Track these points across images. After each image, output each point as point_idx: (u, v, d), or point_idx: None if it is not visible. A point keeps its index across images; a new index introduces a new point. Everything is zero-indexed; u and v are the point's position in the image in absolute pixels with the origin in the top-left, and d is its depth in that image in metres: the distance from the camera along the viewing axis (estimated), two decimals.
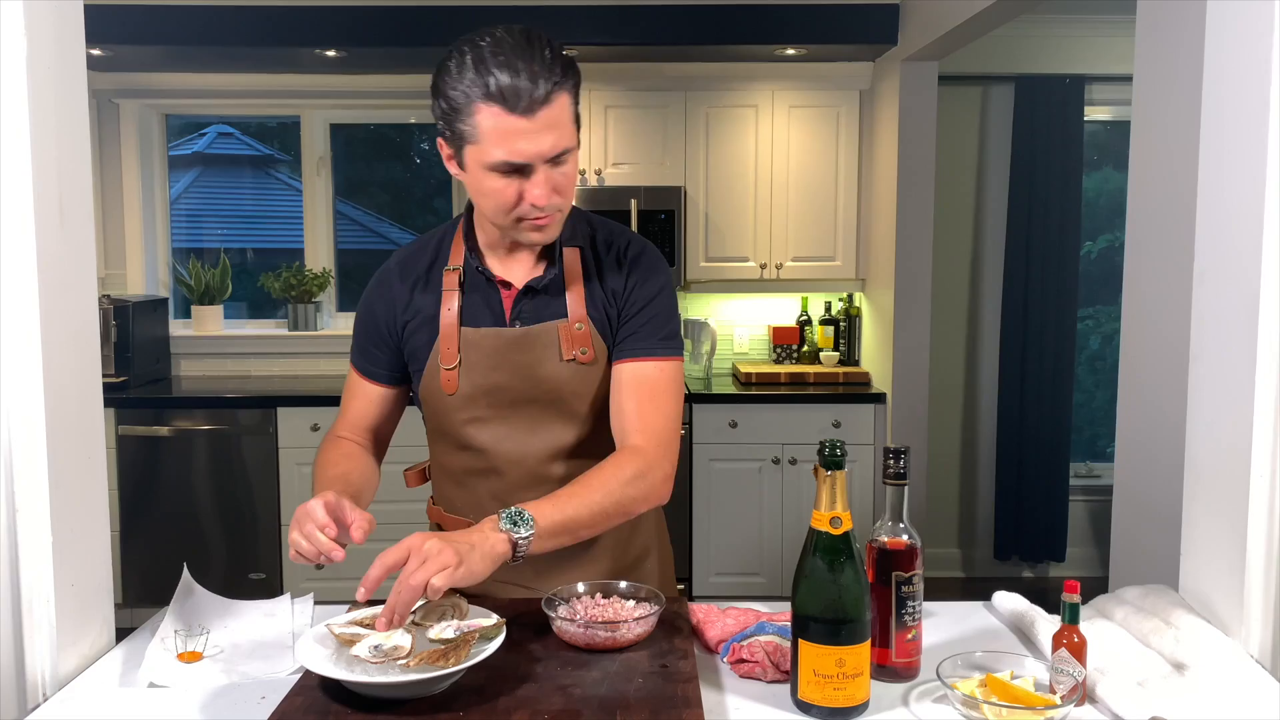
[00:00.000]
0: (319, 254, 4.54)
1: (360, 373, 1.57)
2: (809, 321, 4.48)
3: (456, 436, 1.50)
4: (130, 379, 4.07)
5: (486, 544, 1.22)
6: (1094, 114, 4.42)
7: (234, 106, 4.50)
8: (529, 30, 1.29)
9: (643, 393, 1.44)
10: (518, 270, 1.48)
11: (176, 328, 4.51)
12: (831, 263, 4.25)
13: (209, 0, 3.77)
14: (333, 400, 3.90)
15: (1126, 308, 2.08)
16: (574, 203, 1.46)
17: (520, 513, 1.26)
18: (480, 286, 1.48)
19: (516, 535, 1.24)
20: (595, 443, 1.48)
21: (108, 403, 3.68)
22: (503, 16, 3.80)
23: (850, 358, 4.43)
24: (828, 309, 4.43)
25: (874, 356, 4.24)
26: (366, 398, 1.57)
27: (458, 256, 1.49)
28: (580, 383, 1.46)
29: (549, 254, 1.48)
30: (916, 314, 3.95)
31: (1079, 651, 1.15)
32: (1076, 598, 1.17)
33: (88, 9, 1.39)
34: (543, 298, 1.47)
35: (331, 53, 3.92)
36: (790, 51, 3.96)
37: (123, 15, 3.75)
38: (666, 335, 1.47)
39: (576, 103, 1.33)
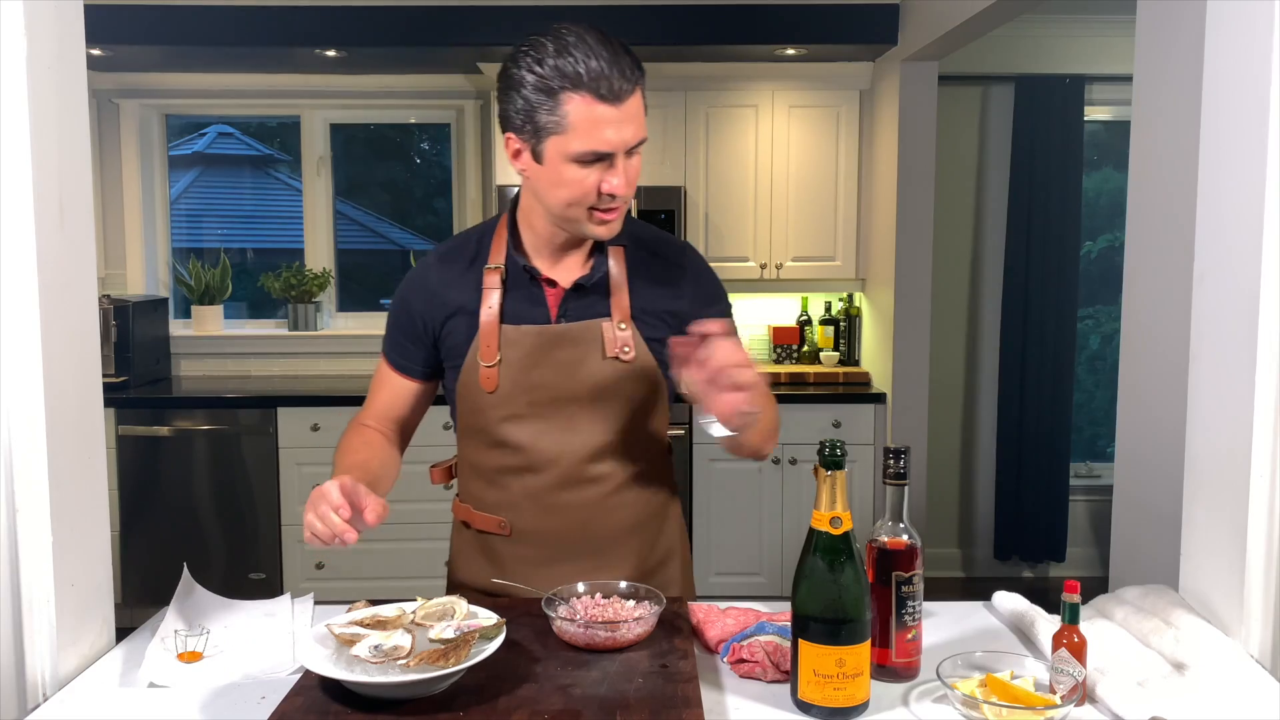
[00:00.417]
0: (319, 254, 4.54)
1: (392, 366, 1.57)
2: (809, 321, 4.48)
3: (492, 434, 1.50)
4: (130, 379, 4.07)
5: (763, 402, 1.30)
6: (1094, 114, 4.42)
7: (234, 106, 4.50)
8: (599, 31, 1.33)
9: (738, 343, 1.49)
10: (563, 270, 1.49)
11: (176, 328, 4.51)
12: (831, 263, 4.25)
13: (209, 0, 3.77)
14: (333, 400, 3.90)
15: (1126, 308, 2.08)
16: None
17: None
18: (524, 284, 1.48)
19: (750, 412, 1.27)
20: (632, 443, 1.50)
21: (108, 403, 3.67)
22: (502, 17, 3.80)
23: (850, 358, 4.43)
24: (828, 309, 4.44)
25: (874, 356, 4.24)
26: (395, 390, 1.57)
27: (499, 254, 1.49)
28: (621, 382, 1.47)
29: (595, 253, 1.49)
30: (916, 314, 3.94)
31: (1079, 651, 1.15)
32: (1076, 598, 1.17)
33: (88, 9, 1.39)
34: (590, 297, 1.48)
35: (331, 53, 3.92)
36: (790, 51, 3.96)
37: (123, 15, 3.75)
38: (729, 318, 1.51)
39: (645, 99, 1.38)
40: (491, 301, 1.47)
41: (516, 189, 1.53)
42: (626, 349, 1.46)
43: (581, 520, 1.51)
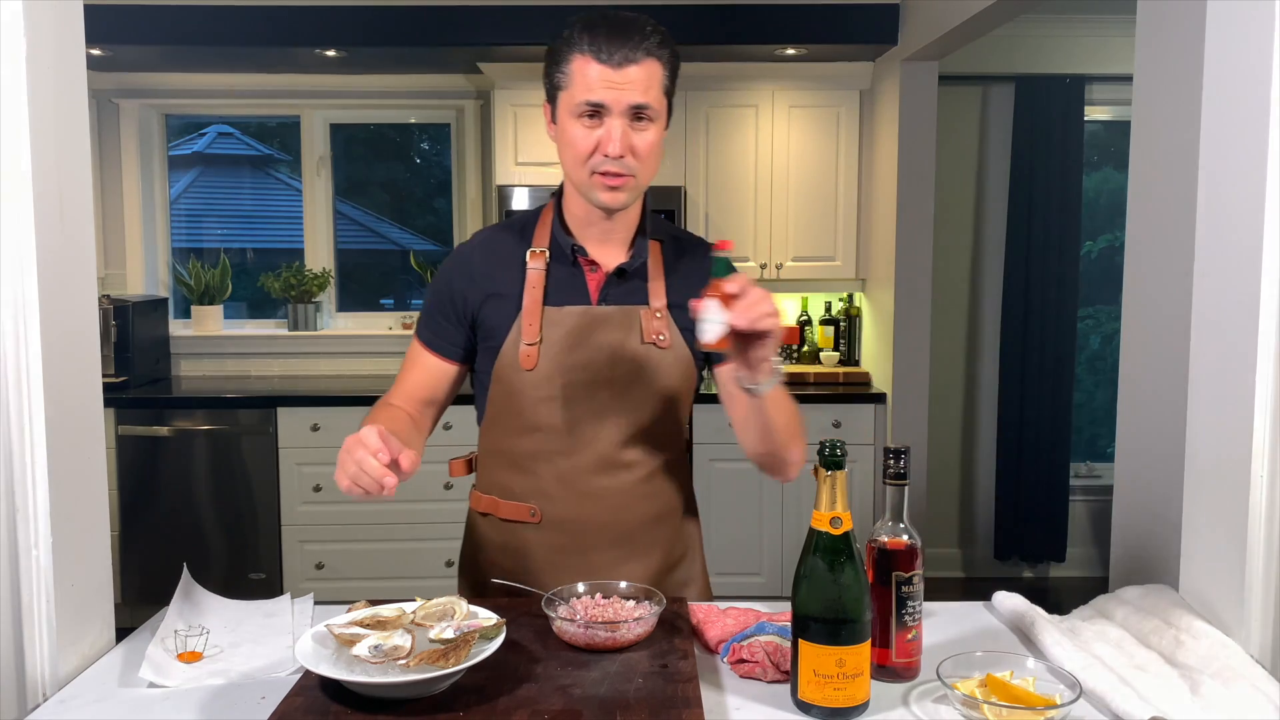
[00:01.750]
0: (319, 254, 4.54)
1: (426, 345, 1.57)
2: (809, 321, 4.48)
3: (526, 416, 1.51)
4: (130, 379, 4.07)
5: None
6: (1094, 114, 4.42)
7: (234, 106, 4.50)
8: (639, 13, 1.44)
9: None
10: (606, 254, 1.53)
11: (176, 328, 4.51)
12: (831, 263, 4.25)
13: (209, 0, 3.77)
14: (333, 400, 3.91)
15: (1126, 308, 2.08)
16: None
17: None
18: (566, 266, 1.52)
19: (777, 365, 1.32)
20: (661, 432, 1.53)
21: (108, 403, 3.67)
22: (502, 17, 3.80)
23: (850, 358, 4.43)
24: (828, 309, 4.43)
25: (874, 356, 4.24)
26: (426, 370, 1.57)
27: (543, 239, 1.54)
28: (656, 367, 1.50)
29: (636, 241, 1.54)
30: (916, 314, 3.94)
31: (728, 302, 1.21)
32: (724, 253, 1.29)
33: (88, 9, 1.39)
34: (631, 282, 1.52)
35: (331, 53, 3.92)
36: (790, 51, 3.96)
37: (123, 15, 3.75)
38: None
39: (670, 83, 1.45)
40: (536, 282, 1.50)
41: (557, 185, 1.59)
42: (663, 336, 1.50)
43: (612, 507, 1.52)
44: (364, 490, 1.21)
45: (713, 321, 1.24)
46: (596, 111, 1.40)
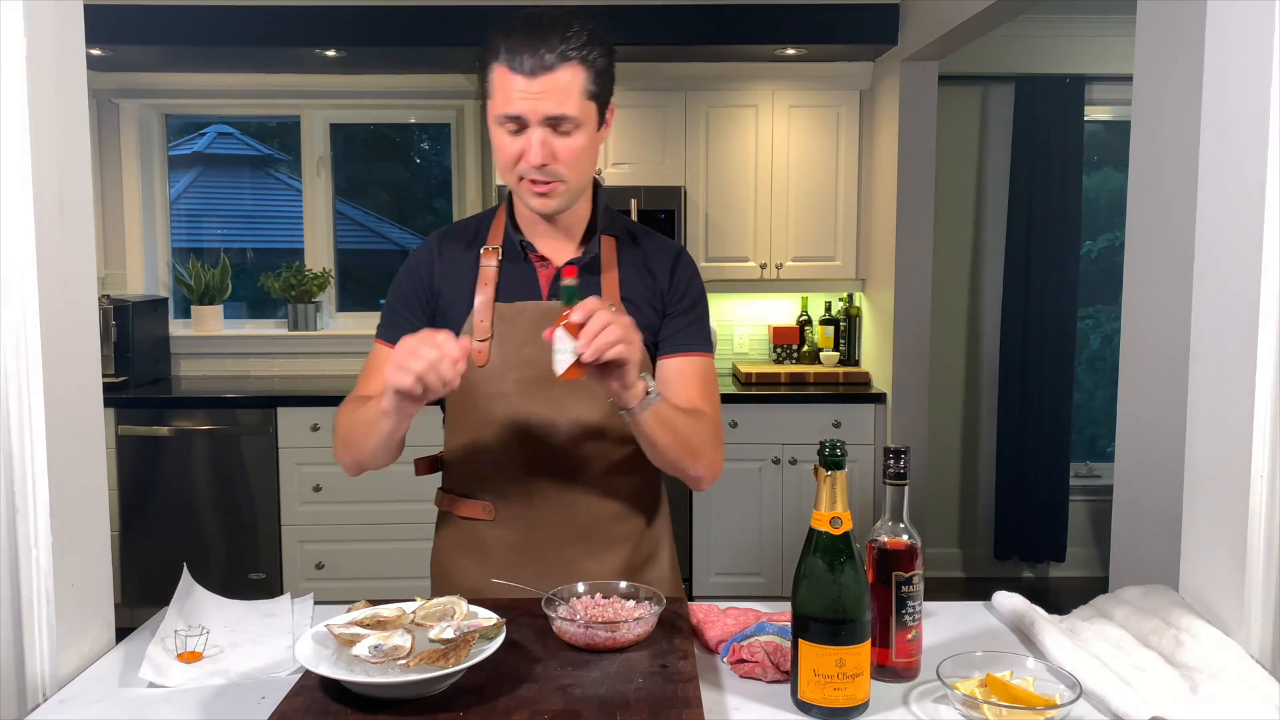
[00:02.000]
0: (319, 254, 4.54)
1: (386, 343, 1.55)
2: (809, 321, 4.48)
3: (480, 412, 1.51)
4: (130, 379, 4.07)
5: (640, 367, 1.32)
6: (1094, 114, 4.42)
7: (234, 106, 4.50)
8: (568, 11, 1.40)
9: (698, 383, 1.52)
10: (556, 250, 1.53)
11: (176, 328, 4.51)
12: (831, 263, 4.26)
13: (209, 0, 3.77)
14: (332, 400, 3.90)
15: (1126, 308, 2.08)
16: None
17: (657, 387, 1.38)
18: (519, 262, 1.52)
19: (651, 393, 1.35)
20: (621, 426, 1.50)
21: (108, 403, 3.68)
22: (502, 17, 3.79)
23: (850, 358, 4.43)
24: (828, 309, 4.44)
25: (874, 356, 4.24)
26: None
27: (497, 236, 1.55)
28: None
29: (587, 238, 1.54)
30: (916, 314, 3.94)
31: (574, 330, 1.22)
32: (573, 281, 1.27)
33: (88, 9, 1.39)
34: (582, 277, 1.49)
35: (331, 53, 3.92)
36: (790, 51, 3.96)
37: (123, 15, 3.75)
38: (709, 335, 1.58)
39: (597, 85, 1.41)
40: (488, 279, 1.51)
41: None
42: None
43: (567, 504, 1.52)
44: (422, 388, 1.24)
45: (562, 351, 1.24)
46: (517, 121, 1.38)
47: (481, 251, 1.54)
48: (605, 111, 1.46)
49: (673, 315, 1.54)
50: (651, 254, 1.57)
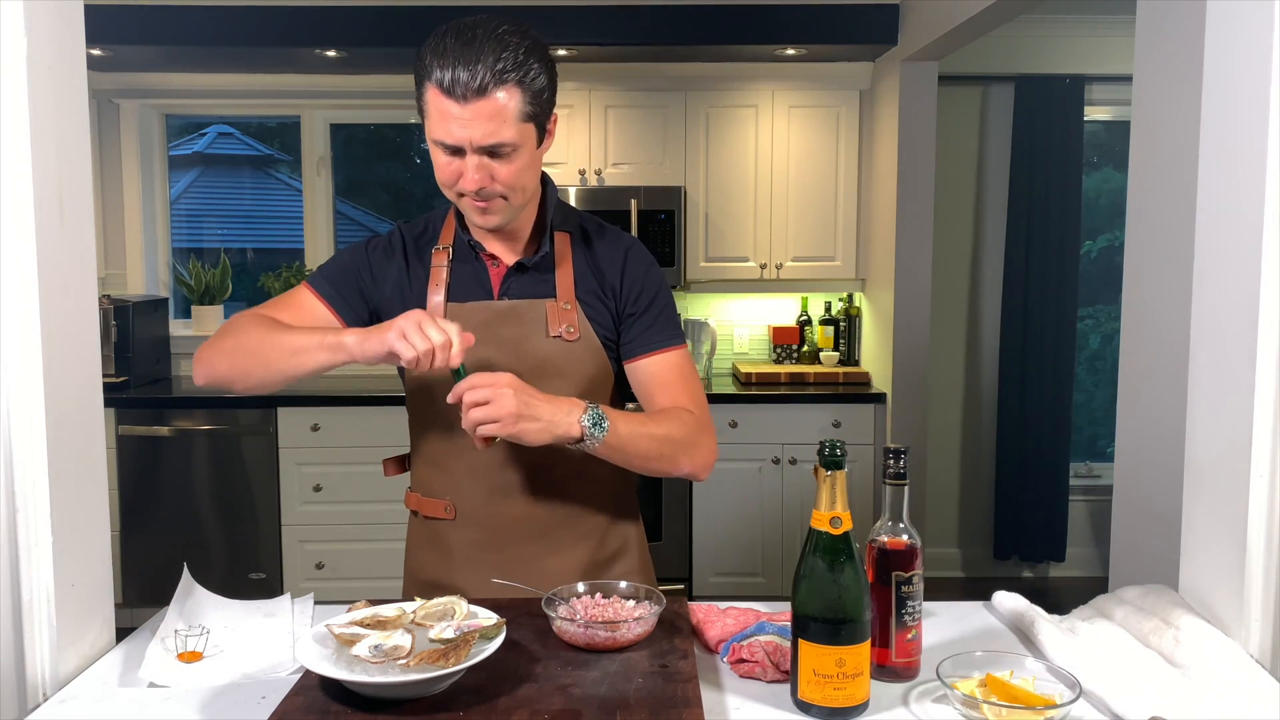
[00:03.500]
0: (319, 254, 4.54)
1: (319, 294, 1.51)
2: (809, 321, 4.48)
3: (439, 412, 1.50)
4: (130, 379, 4.07)
5: (558, 417, 1.33)
6: (1094, 114, 4.42)
7: (234, 106, 4.50)
8: (500, 24, 1.33)
9: (674, 378, 1.51)
10: (507, 249, 1.52)
11: (176, 328, 4.51)
12: (831, 263, 4.26)
13: (209, 0, 3.77)
14: (332, 400, 3.90)
15: (1126, 308, 2.08)
16: (574, 204, 1.48)
17: (602, 416, 1.36)
18: (469, 261, 1.51)
19: (589, 431, 1.34)
20: None
21: (108, 403, 3.67)
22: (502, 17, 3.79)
23: (850, 358, 4.43)
24: (828, 309, 4.44)
25: (874, 356, 4.24)
26: (308, 313, 1.50)
27: (447, 236, 1.53)
28: (565, 360, 1.49)
29: (538, 236, 1.52)
30: (916, 314, 3.94)
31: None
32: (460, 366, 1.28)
33: (88, 9, 1.39)
34: (532, 275, 1.51)
35: (331, 53, 3.92)
36: (790, 51, 3.96)
37: (123, 15, 3.75)
38: (675, 326, 1.55)
39: (535, 105, 1.35)
40: (439, 280, 1.50)
41: None
42: (570, 329, 1.48)
43: (526, 501, 1.51)
44: (416, 361, 1.27)
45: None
46: (452, 148, 1.35)
47: (433, 251, 1.52)
48: (546, 126, 1.41)
49: (633, 316, 1.52)
50: (601, 252, 1.54)
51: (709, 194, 4.20)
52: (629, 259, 1.54)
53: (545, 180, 1.54)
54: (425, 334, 1.27)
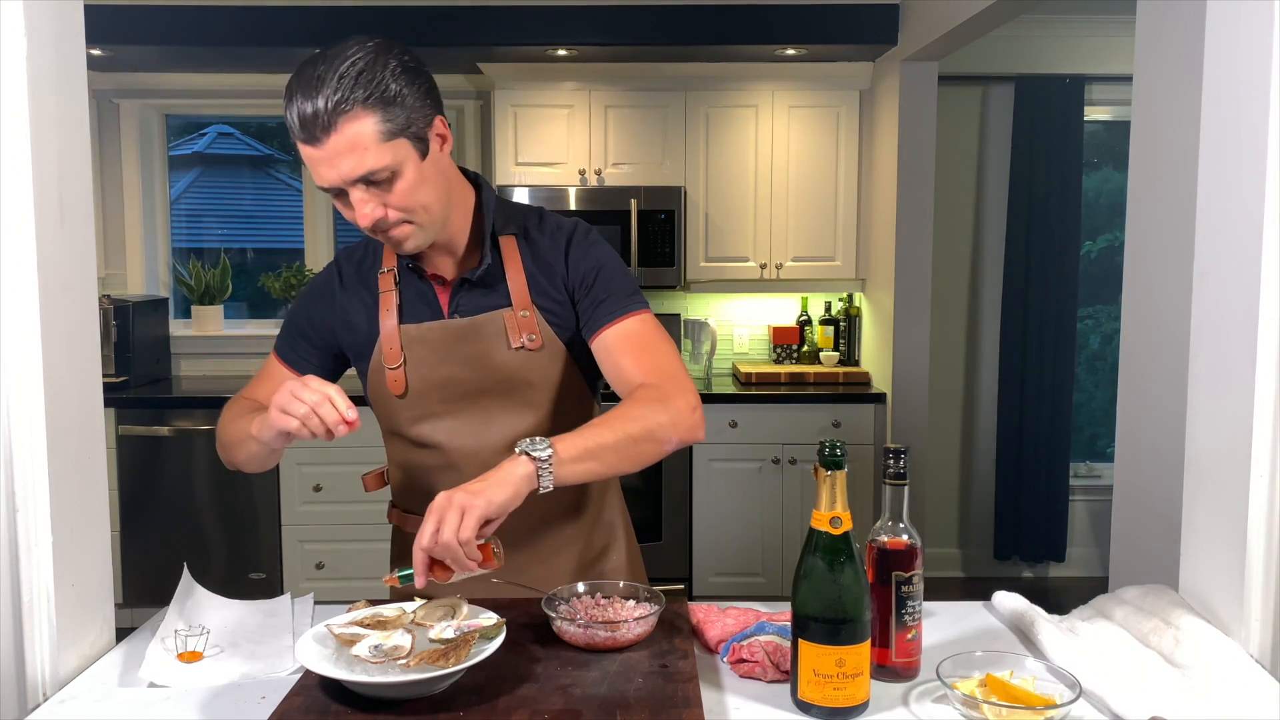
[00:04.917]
0: (319, 254, 4.54)
1: (284, 361, 1.53)
2: (809, 321, 4.48)
3: (410, 435, 1.50)
4: (130, 379, 4.07)
5: (503, 471, 1.21)
6: (1094, 114, 4.42)
7: (234, 106, 4.50)
8: (347, 47, 1.26)
9: (631, 347, 1.42)
10: (449, 265, 1.48)
11: (176, 328, 4.51)
12: (831, 263, 4.26)
13: (209, 0, 3.77)
14: None
15: (1126, 308, 2.08)
16: (573, 204, 1.47)
17: (537, 438, 1.24)
18: (414, 283, 1.48)
19: (535, 452, 1.22)
20: (555, 428, 1.45)
21: (108, 403, 3.68)
22: (502, 17, 3.80)
23: (850, 358, 4.44)
24: (828, 309, 4.44)
25: (874, 356, 4.24)
26: (280, 382, 1.47)
27: (390, 258, 1.49)
28: (530, 370, 1.46)
29: (480, 246, 1.47)
30: (916, 314, 3.95)
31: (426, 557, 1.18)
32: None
33: (88, 9, 1.39)
34: (481, 289, 1.46)
35: None
36: (790, 51, 3.96)
37: (123, 15, 3.75)
38: (630, 293, 1.46)
39: (396, 120, 1.26)
40: (389, 304, 1.47)
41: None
42: (532, 337, 1.44)
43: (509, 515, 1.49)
44: (320, 426, 1.23)
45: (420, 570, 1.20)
46: (334, 190, 1.30)
47: (379, 276, 1.48)
48: (424, 135, 1.31)
49: (583, 296, 1.46)
50: (545, 247, 1.48)
51: (709, 194, 4.20)
52: (571, 244, 1.48)
53: (479, 184, 1.49)
54: (299, 399, 1.23)
